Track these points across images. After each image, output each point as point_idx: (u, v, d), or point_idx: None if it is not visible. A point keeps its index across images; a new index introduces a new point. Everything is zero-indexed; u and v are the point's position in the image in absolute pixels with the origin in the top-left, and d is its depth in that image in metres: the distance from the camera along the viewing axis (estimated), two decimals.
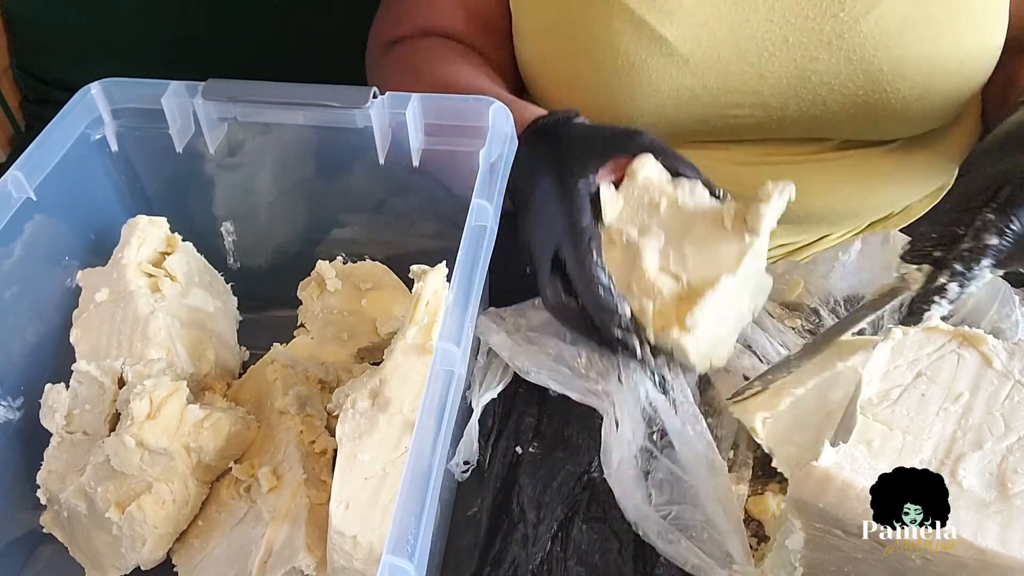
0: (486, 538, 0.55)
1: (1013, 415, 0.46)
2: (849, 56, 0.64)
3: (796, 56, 0.65)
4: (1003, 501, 0.42)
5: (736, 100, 0.68)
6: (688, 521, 0.51)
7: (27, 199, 0.57)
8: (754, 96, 0.68)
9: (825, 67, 0.65)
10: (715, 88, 0.67)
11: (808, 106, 0.68)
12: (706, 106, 0.68)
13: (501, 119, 0.57)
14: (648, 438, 0.56)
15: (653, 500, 0.53)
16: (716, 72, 0.66)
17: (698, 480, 0.52)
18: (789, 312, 0.65)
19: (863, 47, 0.64)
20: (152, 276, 0.64)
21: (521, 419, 0.60)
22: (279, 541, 0.52)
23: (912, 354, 0.49)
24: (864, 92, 0.66)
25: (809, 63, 0.65)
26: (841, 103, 0.67)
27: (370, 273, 0.68)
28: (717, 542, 0.50)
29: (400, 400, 0.52)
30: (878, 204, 0.77)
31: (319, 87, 0.59)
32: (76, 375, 0.59)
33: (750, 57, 0.66)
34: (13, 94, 1.07)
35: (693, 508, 0.51)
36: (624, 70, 0.66)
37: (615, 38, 0.66)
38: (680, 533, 0.51)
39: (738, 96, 0.68)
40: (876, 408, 0.47)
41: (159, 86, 0.61)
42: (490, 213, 0.52)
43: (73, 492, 0.56)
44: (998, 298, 0.61)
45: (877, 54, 0.64)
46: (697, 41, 0.65)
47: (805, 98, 0.67)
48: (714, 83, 0.67)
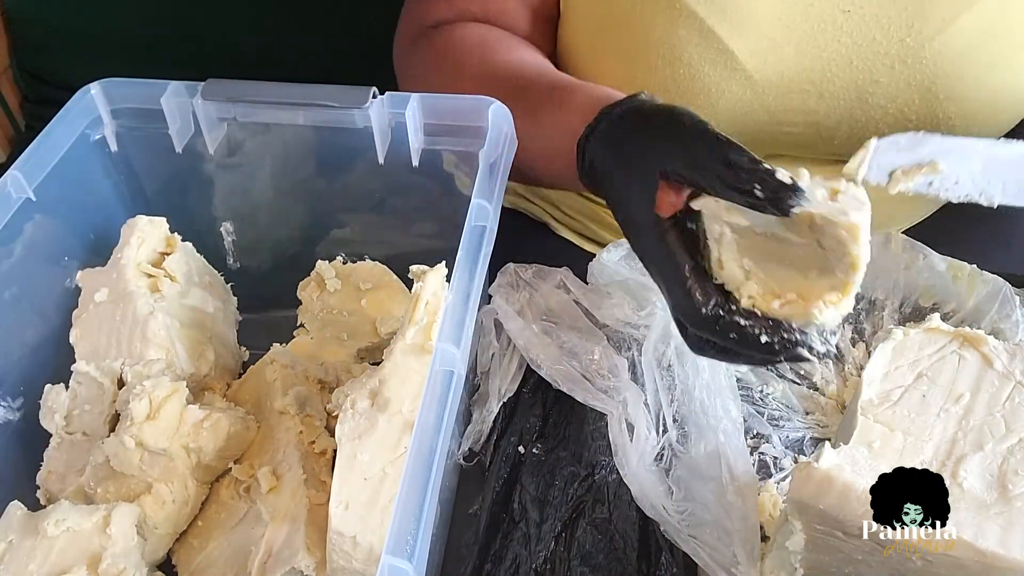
0: (486, 535, 0.55)
1: (1014, 416, 0.46)
2: (909, 81, 0.64)
3: (857, 78, 0.64)
4: (1004, 503, 0.42)
5: (791, 118, 0.67)
6: (700, 519, 0.51)
7: (27, 199, 0.57)
8: (810, 115, 0.66)
9: (884, 91, 0.64)
10: (772, 106, 0.66)
11: (860, 127, 0.67)
12: (760, 122, 0.67)
13: (501, 119, 0.57)
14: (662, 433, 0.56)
15: (674, 496, 0.53)
16: (777, 90, 0.65)
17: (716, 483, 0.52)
18: None
19: (924, 73, 0.63)
20: (152, 276, 0.63)
21: (525, 419, 0.60)
22: (279, 541, 0.52)
23: (913, 355, 0.49)
24: (917, 117, 0.65)
25: (869, 86, 0.64)
26: (892, 126, 0.66)
27: (370, 273, 0.68)
28: (726, 543, 0.50)
29: (400, 400, 0.52)
30: (905, 217, 0.77)
31: (319, 87, 0.59)
32: (76, 376, 0.59)
33: (813, 76, 0.64)
34: (13, 94, 1.07)
35: (703, 508, 0.51)
36: (683, 79, 0.65)
37: (678, 46, 0.64)
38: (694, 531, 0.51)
39: (793, 115, 0.66)
40: (877, 409, 0.46)
41: (158, 86, 0.61)
42: (490, 213, 0.52)
43: (73, 493, 0.56)
44: (998, 299, 0.61)
45: (937, 81, 0.63)
46: (763, 57, 0.63)
47: (859, 119, 0.66)
48: (772, 101, 0.65)
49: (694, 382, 0.58)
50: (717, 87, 0.65)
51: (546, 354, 0.60)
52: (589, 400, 0.58)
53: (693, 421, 0.56)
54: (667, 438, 0.56)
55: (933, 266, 0.63)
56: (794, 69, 0.64)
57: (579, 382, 0.59)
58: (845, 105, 0.66)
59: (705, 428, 0.56)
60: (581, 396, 0.58)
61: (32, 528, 0.52)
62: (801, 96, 0.65)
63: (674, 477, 0.54)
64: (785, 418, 0.61)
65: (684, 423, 0.56)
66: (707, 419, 0.56)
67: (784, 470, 0.58)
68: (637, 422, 0.56)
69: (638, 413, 0.56)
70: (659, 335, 0.60)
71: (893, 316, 0.64)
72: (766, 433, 0.59)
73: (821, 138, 0.68)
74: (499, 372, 0.62)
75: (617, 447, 0.55)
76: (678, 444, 0.56)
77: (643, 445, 0.55)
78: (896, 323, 0.64)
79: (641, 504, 0.53)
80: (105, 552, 0.51)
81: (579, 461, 0.58)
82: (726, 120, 0.67)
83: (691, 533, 0.51)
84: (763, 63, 0.64)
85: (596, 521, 0.55)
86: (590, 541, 0.54)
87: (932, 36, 0.62)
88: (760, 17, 0.63)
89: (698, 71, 0.64)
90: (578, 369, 0.59)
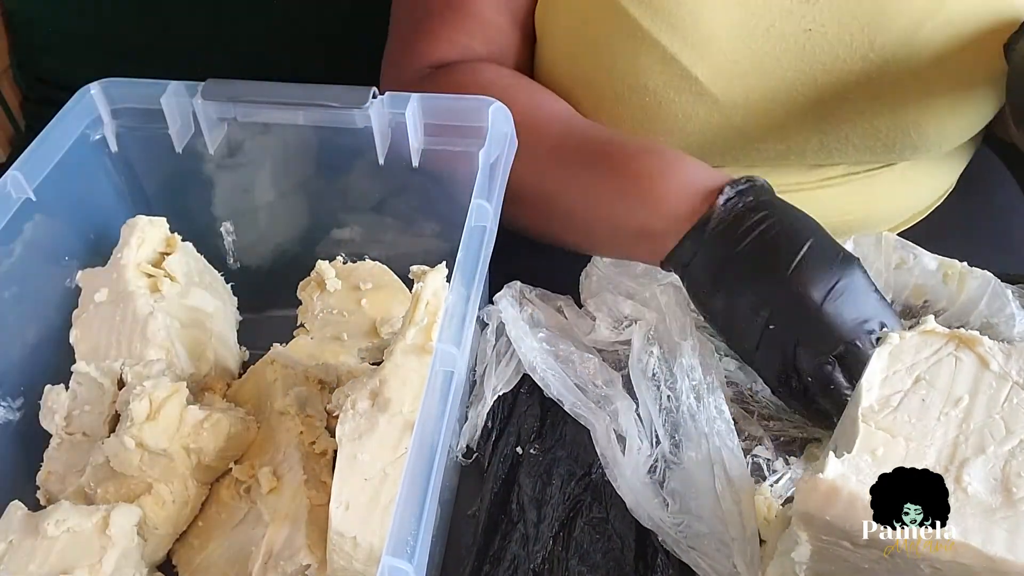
0: (484, 536, 0.55)
1: (1013, 417, 0.46)
2: (876, 96, 0.64)
3: (824, 95, 0.64)
4: (1009, 507, 0.42)
5: (761, 135, 0.67)
6: (697, 530, 0.52)
7: (27, 199, 0.57)
8: (779, 132, 0.67)
9: (852, 106, 0.65)
10: (741, 125, 0.66)
11: (830, 140, 0.67)
12: (730, 141, 0.67)
13: (501, 119, 0.57)
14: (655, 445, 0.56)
15: (669, 508, 0.53)
16: (744, 111, 0.65)
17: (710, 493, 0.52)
18: None
19: (891, 88, 0.63)
20: (152, 276, 0.63)
21: (523, 420, 0.60)
22: (279, 542, 0.52)
23: (910, 358, 0.49)
24: (887, 128, 0.66)
25: (836, 101, 0.64)
26: (863, 138, 0.67)
27: (370, 273, 0.68)
28: (725, 554, 0.50)
29: (400, 401, 0.52)
30: (884, 218, 0.77)
31: (319, 87, 0.59)
32: (75, 376, 0.59)
33: (779, 96, 0.64)
34: (13, 94, 1.07)
35: (699, 520, 0.51)
36: (650, 107, 0.65)
37: (642, 74, 0.63)
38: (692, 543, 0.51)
39: (764, 132, 0.67)
40: (878, 416, 0.46)
41: (158, 86, 0.61)
42: (490, 213, 0.52)
43: (73, 493, 0.56)
44: (987, 292, 0.61)
45: (903, 92, 0.63)
46: (728, 80, 0.63)
47: (828, 132, 0.67)
48: (741, 121, 0.66)
49: (682, 386, 0.58)
50: (684, 113, 0.64)
51: (542, 359, 0.60)
52: (577, 408, 0.58)
53: (683, 429, 0.56)
54: (660, 449, 0.56)
55: (924, 265, 0.63)
56: (759, 90, 0.64)
57: (571, 390, 0.59)
58: (814, 121, 0.66)
59: (695, 434, 0.55)
60: (569, 405, 0.58)
61: (32, 528, 0.52)
62: (769, 116, 0.65)
63: (668, 489, 0.54)
64: (775, 417, 0.60)
65: (675, 431, 0.56)
66: (696, 424, 0.56)
67: (776, 472, 0.58)
68: (629, 433, 0.55)
69: (629, 424, 0.56)
70: (640, 346, 0.60)
71: None
72: (758, 435, 0.59)
73: (793, 152, 0.69)
74: (496, 371, 0.62)
75: (607, 459, 0.55)
76: (671, 455, 0.56)
77: (636, 457, 0.55)
78: None
79: (637, 516, 0.53)
80: (105, 553, 0.51)
81: (576, 460, 0.58)
82: (697, 143, 0.67)
83: (690, 544, 0.51)
84: (728, 86, 0.63)
85: (593, 520, 0.55)
86: (588, 540, 0.54)
87: (896, 51, 0.62)
88: (721, 41, 0.62)
89: (664, 98, 0.64)
90: (572, 377, 0.59)
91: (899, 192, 0.75)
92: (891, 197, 0.75)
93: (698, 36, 0.62)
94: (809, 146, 0.68)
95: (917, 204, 0.78)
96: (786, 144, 0.68)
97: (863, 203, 0.74)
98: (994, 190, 0.86)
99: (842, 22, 0.62)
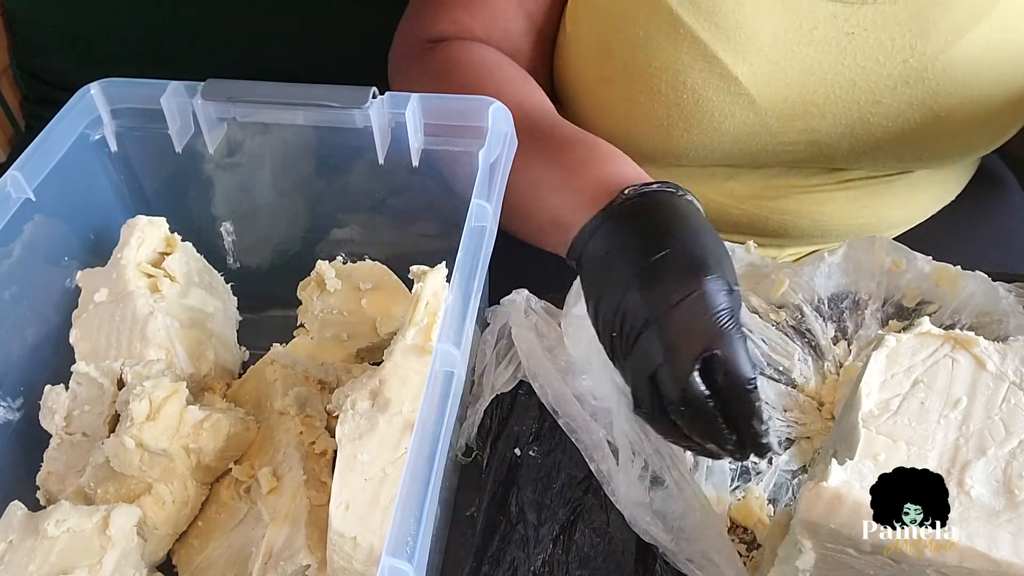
0: (482, 538, 0.55)
1: (1012, 418, 0.46)
2: (911, 101, 0.64)
3: (860, 99, 0.64)
4: (1012, 509, 0.42)
5: (792, 138, 0.67)
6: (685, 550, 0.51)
7: (26, 199, 0.57)
8: (812, 135, 0.67)
9: (886, 110, 0.64)
10: (775, 127, 0.66)
11: (860, 144, 0.67)
12: (762, 143, 0.67)
13: (500, 119, 0.57)
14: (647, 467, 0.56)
15: (661, 526, 0.52)
16: (780, 112, 0.65)
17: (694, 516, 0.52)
18: (775, 308, 0.65)
19: (926, 92, 0.63)
20: (151, 276, 0.63)
21: (522, 422, 0.60)
22: (279, 542, 0.52)
23: (907, 361, 0.49)
24: (919, 136, 0.66)
25: (871, 106, 0.64)
26: (893, 144, 0.67)
27: (370, 273, 0.68)
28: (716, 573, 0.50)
29: (400, 401, 0.52)
30: (895, 221, 0.77)
31: (319, 87, 0.59)
32: (75, 376, 0.59)
33: (816, 99, 0.64)
34: (13, 94, 1.07)
35: (688, 541, 0.51)
36: (687, 104, 0.64)
37: (683, 72, 0.63)
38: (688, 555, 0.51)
39: (796, 134, 0.66)
40: (878, 420, 0.46)
41: (158, 86, 0.61)
42: (490, 213, 0.52)
43: (73, 493, 0.56)
44: (980, 292, 0.61)
45: (939, 99, 0.63)
46: (767, 82, 0.63)
47: (860, 136, 0.66)
48: (775, 122, 0.65)
49: None
50: (721, 112, 0.64)
51: (541, 368, 0.59)
52: (570, 425, 0.57)
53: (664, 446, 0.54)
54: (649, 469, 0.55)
55: (918, 269, 0.63)
56: (797, 92, 0.64)
57: (567, 401, 0.58)
58: (847, 124, 0.66)
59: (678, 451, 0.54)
60: (561, 420, 0.57)
61: (32, 528, 0.52)
62: (803, 118, 0.65)
63: (654, 508, 0.53)
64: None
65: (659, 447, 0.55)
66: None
67: (761, 472, 0.58)
68: (622, 446, 0.55)
69: (623, 436, 0.56)
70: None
71: (876, 315, 0.64)
72: None
73: (823, 155, 0.69)
74: (495, 372, 0.61)
75: (602, 475, 0.55)
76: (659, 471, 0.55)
77: (630, 470, 0.54)
78: (879, 322, 0.64)
79: (635, 530, 0.53)
80: (105, 553, 0.51)
81: (576, 464, 0.57)
82: (729, 141, 0.67)
83: (687, 557, 0.51)
84: (767, 87, 0.63)
85: (594, 524, 0.54)
86: (588, 544, 0.54)
87: (935, 57, 0.62)
88: (764, 42, 0.62)
89: (702, 96, 0.64)
90: (569, 390, 0.59)
91: (912, 198, 0.75)
92: (904, 203, 0.75)
93: (741, 36, 0.62)
94: (839, 149, 0.68)
95: (926, 211, 0.78)
96: (816, 146, 0.68)
97: (877, 207, 0.74)
98: (994, 190, 0.86)
99: (885, 26, 0.62)
